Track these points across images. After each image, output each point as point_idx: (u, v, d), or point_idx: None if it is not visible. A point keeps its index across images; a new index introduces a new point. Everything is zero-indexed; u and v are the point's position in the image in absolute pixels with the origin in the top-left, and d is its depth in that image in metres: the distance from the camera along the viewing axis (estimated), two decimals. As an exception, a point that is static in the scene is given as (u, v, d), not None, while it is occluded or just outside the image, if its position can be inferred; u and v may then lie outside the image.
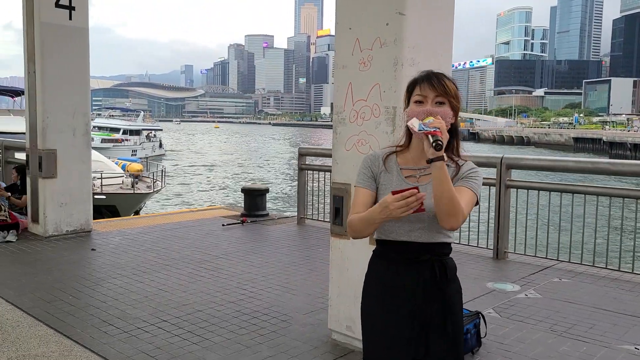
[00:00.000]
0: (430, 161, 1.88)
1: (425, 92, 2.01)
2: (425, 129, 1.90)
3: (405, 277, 2.03)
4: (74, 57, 7.10)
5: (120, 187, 14.73)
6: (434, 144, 1.85)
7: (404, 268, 2.04)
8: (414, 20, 3.30)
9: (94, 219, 7.61)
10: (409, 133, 2.08)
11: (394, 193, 1.83)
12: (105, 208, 13.22)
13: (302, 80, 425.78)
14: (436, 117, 1.94)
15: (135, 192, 14.86)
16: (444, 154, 1.88)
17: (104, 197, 13.26)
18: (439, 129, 1.89)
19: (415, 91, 2.04)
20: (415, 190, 1.81)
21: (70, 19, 7.02)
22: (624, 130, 76.74)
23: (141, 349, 3.65)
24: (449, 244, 2.10)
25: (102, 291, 4.85)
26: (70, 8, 7.02)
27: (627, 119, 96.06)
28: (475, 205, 2.06)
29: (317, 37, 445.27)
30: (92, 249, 6.42)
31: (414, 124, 1.93)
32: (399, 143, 2.16)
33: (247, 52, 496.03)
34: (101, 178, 13.25)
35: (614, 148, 56.85)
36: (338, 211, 3.70)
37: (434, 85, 2.00)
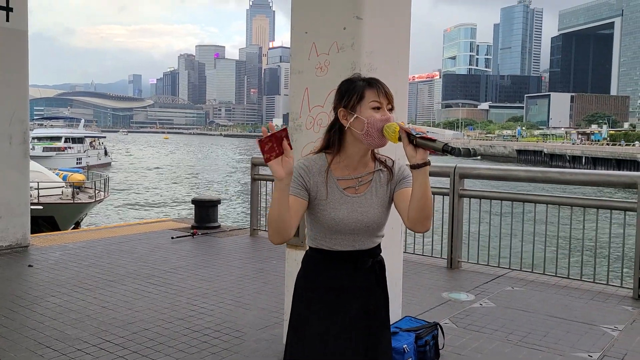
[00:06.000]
0: (417, 166, 1.79)
1: (382, 99, 1.91)
2: (416, 133, 1.78)
3: (353, 282, 1.99)
4: (11, 61, 6.69)
5: (60, 197, 14.04)
6: (445, 147, 1.68)
7: (351, 274, 1.99)
8: (372, 26, 3.24)
9: (31, 231, 7.16)
10: (340, 137, 1.94)
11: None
12: (43, 219, 12.53)
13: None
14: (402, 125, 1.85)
15: (76, 202, 14.19)
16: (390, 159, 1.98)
17: (41, 207, 12.56)
18: (424, 132, 1.79)
19: (370, 97, 1.89)
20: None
21: (7, 20, 6.63)
22: (562, 142, 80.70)
23: (81, 373, 3.38)
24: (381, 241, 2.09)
25: (39, 310, 4.51)
26: (8, 9, 6.63)
27: (566, 132, 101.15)
28: None
29: (269, 48, 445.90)
30: (29, 265, 6.00)
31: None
32: (316, 149, 2.01)
33: (197, 62, 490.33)
34: (38, 188, 12.56)
35: (554, 160, 59.56)
36: (294, 222, 3.56)
37: (387, 94, 1.92)
